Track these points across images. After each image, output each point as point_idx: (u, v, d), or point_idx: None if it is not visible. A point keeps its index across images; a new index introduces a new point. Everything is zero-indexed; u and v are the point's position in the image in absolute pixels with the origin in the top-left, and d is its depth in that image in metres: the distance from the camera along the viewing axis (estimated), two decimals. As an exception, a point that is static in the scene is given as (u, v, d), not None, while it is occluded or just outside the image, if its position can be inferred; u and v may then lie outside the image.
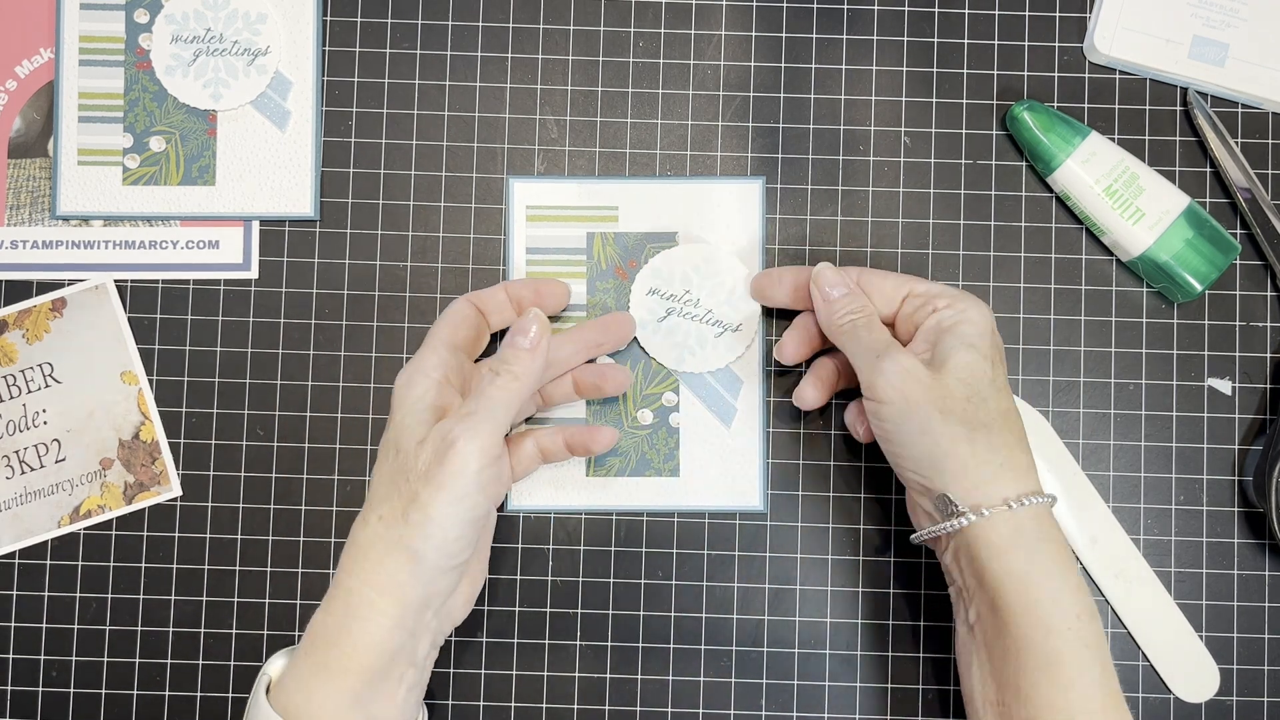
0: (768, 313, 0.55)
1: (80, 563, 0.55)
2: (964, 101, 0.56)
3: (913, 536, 0.50)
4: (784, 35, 0.57)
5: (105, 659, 0.55)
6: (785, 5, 0.57)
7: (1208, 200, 0.56)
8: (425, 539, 0.45)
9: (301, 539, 0.55)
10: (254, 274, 0.56)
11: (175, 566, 0.55)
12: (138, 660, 0.55)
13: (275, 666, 0.47)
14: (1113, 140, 0.56)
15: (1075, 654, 0.44)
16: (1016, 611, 0.45)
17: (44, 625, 0.55)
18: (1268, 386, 0.55)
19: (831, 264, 0.51)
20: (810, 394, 0.52)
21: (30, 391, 0.55)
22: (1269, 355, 0.56)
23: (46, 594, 0.55)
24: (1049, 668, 0.44)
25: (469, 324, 0.51)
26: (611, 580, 0.55)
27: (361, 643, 0.45)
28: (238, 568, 0.55)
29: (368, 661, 0.44)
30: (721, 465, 0.55)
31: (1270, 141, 0.56)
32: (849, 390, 0.53)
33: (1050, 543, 0.45)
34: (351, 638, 0.45)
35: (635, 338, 0.55)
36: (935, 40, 0.56)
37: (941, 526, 0.47)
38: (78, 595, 0.55)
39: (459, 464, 0.45)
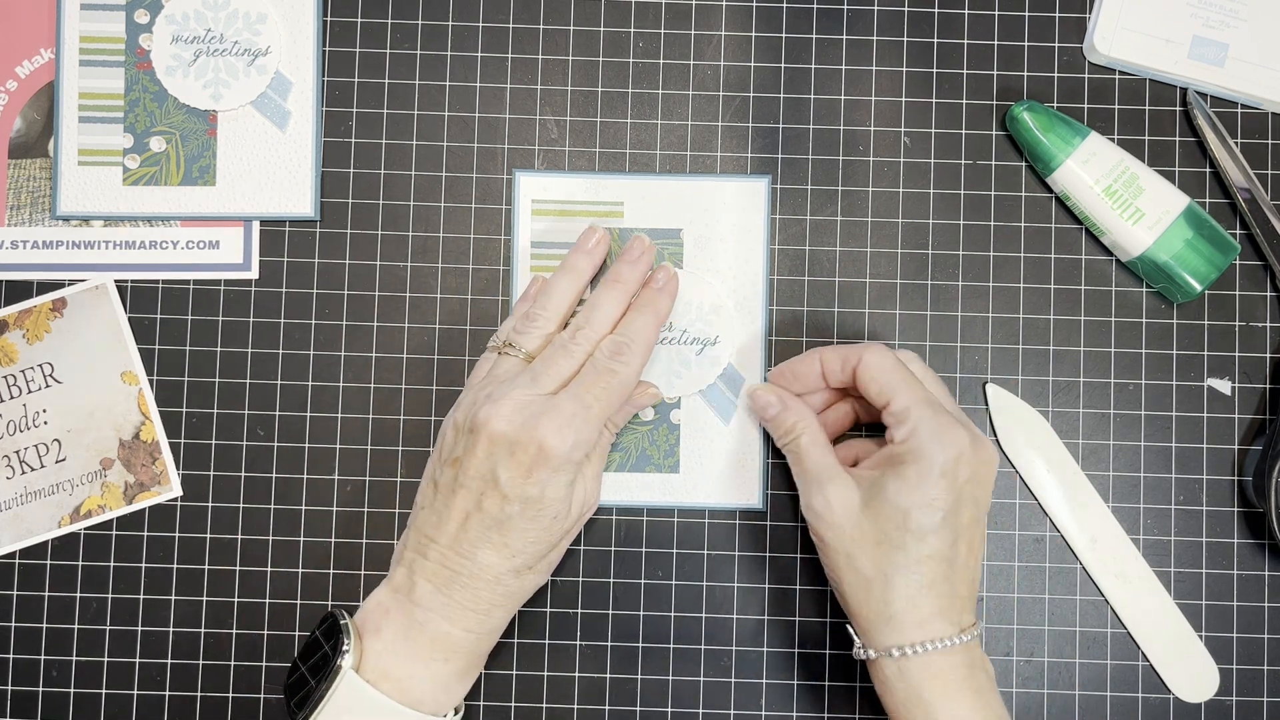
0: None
1: (80, 563, 0.55)
2: (964, 102, 0.56)
3: (856, 652, 0.49)
4: (784, 35, 0.57)
5: (105, 659, 0.55)
6: (785, 5, 0.57)
7: (1207, 200, 0.56)
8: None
9: (301, 539, 0.55)
10: (254, 274, 0.56)
11: (175, 566, 0.55)
12: (138, 660, 0.55)
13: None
14: (1112, 140, 0.56)
15: None
16: None
17: (44, 625, 0.55)
18: (1267, 386, 0.56)
19: (762, 383, 0.52)
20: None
21: (30, 391, 0.55)
22: (1269, 355, 0.56)
23: (46, 594, 0.55)
24: None
25: None
26: (611, 580, 0.55)
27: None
28: (238, 568, 0.55)
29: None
30: (721, 462, 0.55)
31: (1270, 141, 0.56)
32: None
33: (979, 672, 0.46)
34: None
35: None
36: (935, 40, 0.57)
37: (859, 651, 0.48)
38: (78, 595, 0.55)
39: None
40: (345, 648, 0.46)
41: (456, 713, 0.49)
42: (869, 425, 0.55)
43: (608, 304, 0.51)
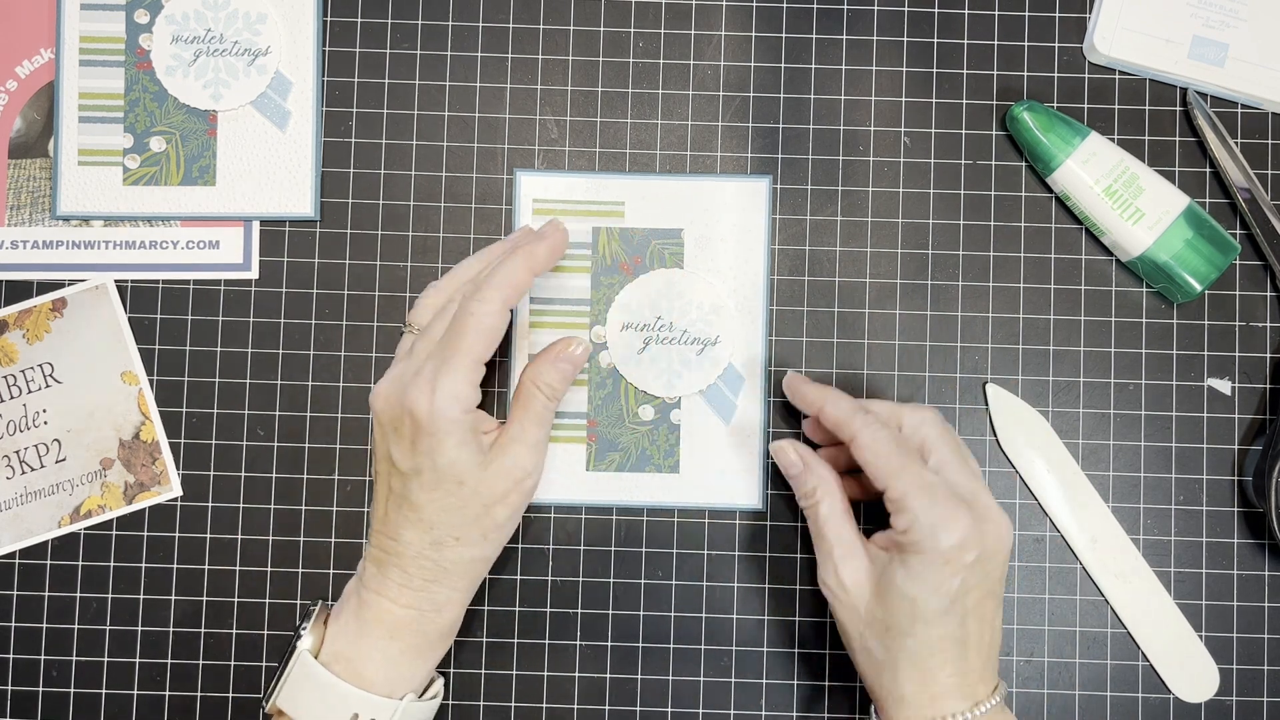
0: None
1: (80, 563, 0.55)
2: (964, 102, 0.56)
3: None
4: (784, 35, 0.57)
5: (105, 659, 0.55)
6: (785, 5, 0.57)
7: (1207, 200, 0.56)
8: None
9: (301, 539, 0.55)
10: (254, 274, 0.56)
11: (175, 566, 0.55)
12: (138, 660, 0.55)
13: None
14: (1112, 140, 0.56)
15: None
16: None
17: (44, 625, 0.55)
18: (1267, 386, 0.56)
19: (788, 440, 0.50)
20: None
21: (30, 391, 0.55)
22: (1269, 355, 0.56)
23: (46, 594, 0.55)
24: None
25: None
26: (611, 580, 0.55)
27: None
28: (238, 568, 0.55)
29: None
30: (722, 463, 0.55)
31: (1270, 141, 0.56)
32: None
33: None
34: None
35: (622, 374, 0.55)
36: (935, 40, 0.57)
37: None
38: (78, 595, 0.55)
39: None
40: (302, 631, 0.48)
41: (432, 696, 0.50)
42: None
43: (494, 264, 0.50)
